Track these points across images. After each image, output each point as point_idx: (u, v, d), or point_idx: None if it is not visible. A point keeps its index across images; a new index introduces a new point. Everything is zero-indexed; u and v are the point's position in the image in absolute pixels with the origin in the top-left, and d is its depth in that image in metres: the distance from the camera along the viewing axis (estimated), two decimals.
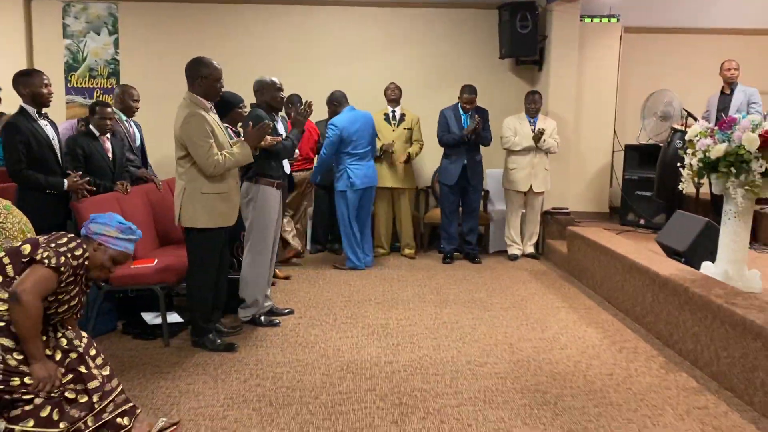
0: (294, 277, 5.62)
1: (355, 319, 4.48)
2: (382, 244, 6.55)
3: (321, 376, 3.46)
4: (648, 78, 7.23)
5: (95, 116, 4.55)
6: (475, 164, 6.22)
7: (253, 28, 7.15)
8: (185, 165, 3.69)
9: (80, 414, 2.38)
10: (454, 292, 5.22)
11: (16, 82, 3.96)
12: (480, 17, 7.22)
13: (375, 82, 6.81)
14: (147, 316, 4.17)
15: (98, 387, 2.47)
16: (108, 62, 7.13)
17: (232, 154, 3.69)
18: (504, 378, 3.45)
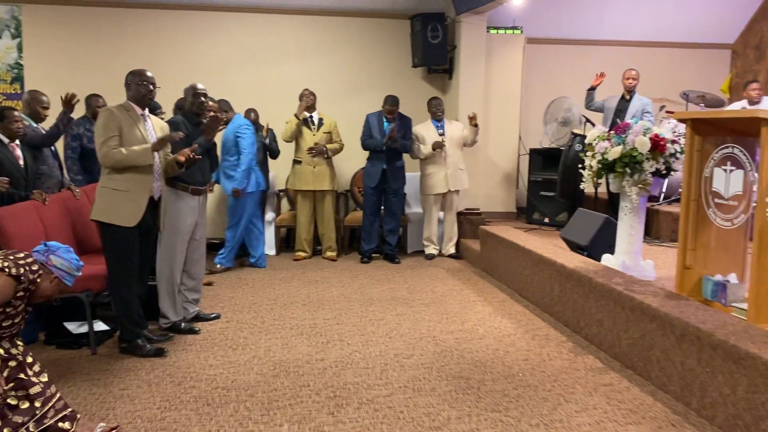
0: (216, 283, 5.63)
1: (283, 320, 4.58)
2: (304, 247, 6.66)
3: (255, 375, 3.55)
4: (549, 86, 7.74)
5: (3, 122, 4.38)
6: (396, 169, 6.49)
7: (164, 34, 7.08)
8: None
9: (23, 419, 2.38)
10: (378, 291, 5.42)
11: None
12: (393, 27, 7.48)
13: (291, 88, 6.91)
14: (70, 325, 4.10)
15: (40, 392, 2.47)
16: (11, 67, 6.84)
17: (129, 150, 3.70)
18: (430, 368, 3.67)
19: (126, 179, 3.74)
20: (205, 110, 4.30)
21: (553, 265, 4.67)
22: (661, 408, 3.14)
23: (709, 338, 2.96)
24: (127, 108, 3.81)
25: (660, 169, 4.18)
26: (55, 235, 4.28)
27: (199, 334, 4.23)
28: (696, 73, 8.02)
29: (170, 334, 4.15)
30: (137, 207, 3.78)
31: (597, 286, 4.03)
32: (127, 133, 3.73)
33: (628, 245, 4.43)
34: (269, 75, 7.30)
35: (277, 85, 7.25)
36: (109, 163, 3.69)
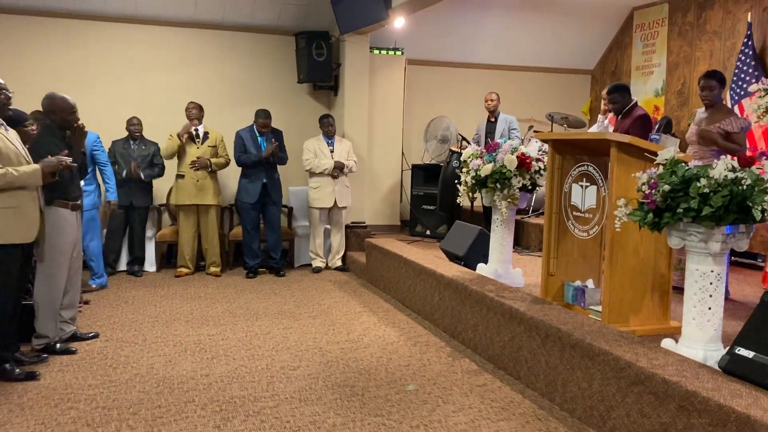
0: (94, 302, 5.42)
1: (165, 337, 4.50)
2: (186, 263, 6.54)
3: (137, 393, 3.49)
4: (429, 105, 8.12)
5: None
6: (275, 182, 6.56)
7: (39, 41, 6.74)
8: None
9: None
10: (264, 305, 5.44)
11: None
12: (278, 43, 7.56)
13: (174, 100, 6.81)
14: None
15: None
16: None
17: (18, 172, 3.57)
18: (316, 378, 3.77)
19: (11, 195, 3.56)
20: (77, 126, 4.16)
21: (432, 274, 4.93)
22: (529, 404, 3.42)
23: (568, 338, 3.28)
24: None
25: (526, 184, 4.54)
26: None
27: (76, 354, 4.07)
28: (560, 95, 8.70)
29: (44, 355, 3.97)
30: (32, 220, 3.67)
31: (472, 293, 4.30)
32: (2, 149, 3.56)
33: (500, 255, 4.76)
34: (153, 86, 7.14)
35: (161, 96, 7.11)
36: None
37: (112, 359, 4.03)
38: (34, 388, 3.52)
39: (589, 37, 8.62)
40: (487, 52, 8.39)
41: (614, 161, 3.52)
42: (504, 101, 7.12)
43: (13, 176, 3.53)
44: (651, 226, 2.97)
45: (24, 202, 3.63)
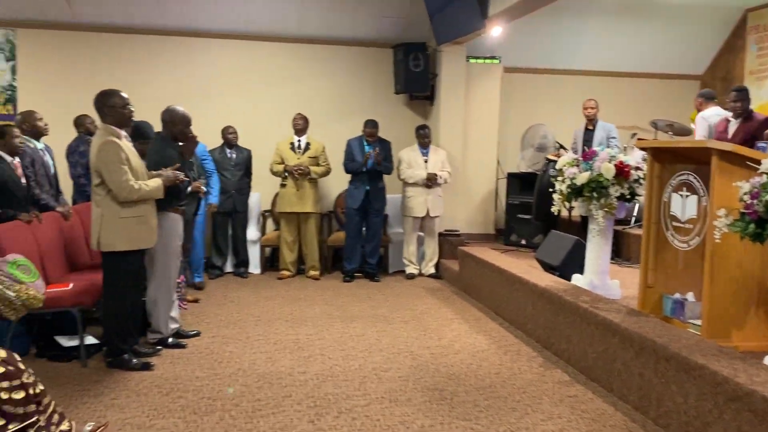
0: (202, 300, 5.80)
1: (266, 336, 4.76)
2: (288, 266, 6.85)
3: (240, 386, 3.73)
4: (526, 113, 8.05)
5: (5, 139, 4.51)
6: (378, 191, 6.74)
7: (158, 59, 7.31)
8: (101, 192, 3.88)
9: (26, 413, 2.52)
10: (359, 308, 5.61)
11: None
12: (377, 55, 7.77)
13: (282, 112, 7.19)
14: (62, 339, 4.24)
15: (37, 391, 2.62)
16: (4, 89, 7.03)
17: (147, 185, 3.93)
18: (406, 380, 3.87)
19: (138, 206, 3.93)
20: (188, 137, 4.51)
21: (526, 284, 4.91)
22: (621, 417, 3.36)
23: (664, 350, 3.20)
24: (116, 134, 3.91)
25: (625, 194, 4.44)
26: (48, 252, 4.46)
27: (185, 349, 4.39)
28: (666, 102, 8.37)
29: (158, 348, 4.31)
30: (152, 227, 4.04)
31: (566, 304, 4.26)
32: (132, 161, 3.92)
33: (596, 265, 4.67)
34: (260, 99, 7.54)
35: (268, 108, 7.50)
36: (132, 199, 3.86)
37: (217, 354, 4.31)
38: (149, 378, 3.84)
39: (697, 41, 8.25)
40: (587, 58, 8.22)
41: (716, 170, 3.40)
42: (604, 108, 6.94)
43: (145, 191, 3.90)
44: (753, 237, 2.85)
45: (148, 212, 4.00)
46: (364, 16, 7.32)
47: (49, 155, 5.24)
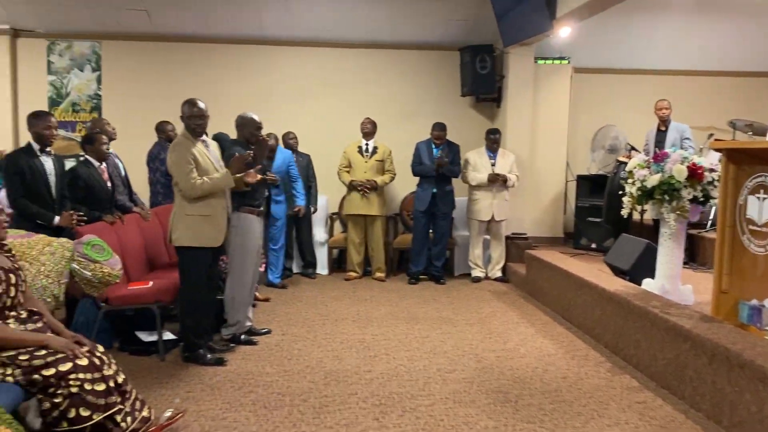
0: (273, 299, 5.98)
1: (333, 335, 4.87)
2: (355, 268, 6.97)
3: (307, 383, 3.84)
4: (596, 114, 7.89)
5: (94, 145, 4.81)
6: (445, 194, 6.76)
7: (232, 67, 7.59)
8: (176, 190, 4.12)
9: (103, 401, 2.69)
10: (424, 310, 5.66)
11: (28, 121, 4.32)
12: (443, 58, 7.81)
13: (350, 116, 7.34)
14: (142, 334, 4.49)
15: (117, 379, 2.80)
16: (90, 97, 7.47)
17: (212, 179, 4.08)
18: (471, 382, 3.89)
19: (207, 204, 4.10)
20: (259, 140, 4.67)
21: (594, 288, 4.83)
22: (692, 425, 3.27)
23: (737, 358, 3.09)
24: (189, 139, 4.13)
25: (698, 196, 4.31)
26: (130, 252, 4.72)
27: (257, 346, 4.56)
28: (746, 101, 8.03)
29: (231, 345, 4.49)
30: (220, 227, 4.17)
31: (635, 308, 4.17)
32: (200, 162, 4.11)
33: (668, 270, 4.55)
34: (326, 105, 7.71)
35: (337, 113, 7.67)
36: (197, 194, 4.04)
37: (286, 351, 4.45)
38: (222, 373, 4.01)
39: None
40: (660, 57, 7.98)
41: None
42: (679, 108, 6.73)
43: (209, 184, 4.05)
44: None
45: (216, 211, 4.15)
46: (430, 20, 7.37)
47: (118, 159, 5.52)
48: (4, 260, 2.78)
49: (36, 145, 4.38)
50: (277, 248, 6.51)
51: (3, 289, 2.68)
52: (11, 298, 2.72)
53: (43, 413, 2.57)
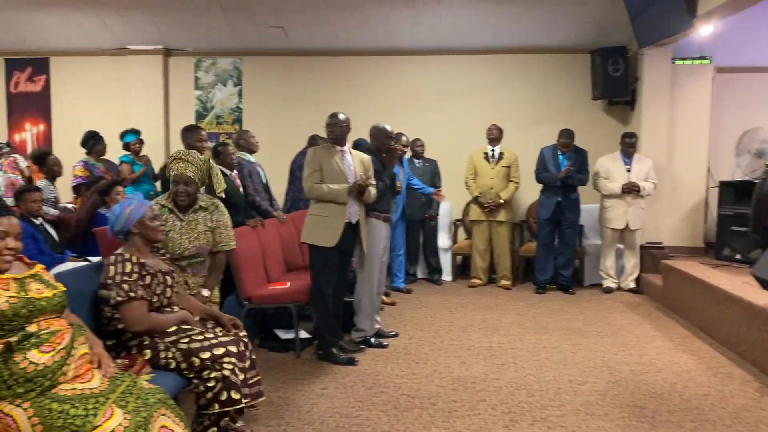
0: (399, 304, 6.10)
1: (460, 341, 4.90)
2: (479, 275, 6.95)
3: (436, 387, 3.90)
4: (741, 116, 7.35)
5: (221, 156, 5.18)
6: (570, 202, 6.59)
7: (362, 78, 7.84)
8: None
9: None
10: (552, 320, 5.54)
11: (182, 134, 4.74)
12: (572, 61, 7.62)
13: (475, 122, 7.36)
14: (279, 332, 4.76)
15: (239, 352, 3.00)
16: (232, 110, 8.01)
17: (330, 188, 4.30)
18: (604, 395, 3.78)
19: (326, 207, 4.35)
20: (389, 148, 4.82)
21: (740, 302, 4.52)
22: None
23: None
24: (328, 147, 4.44)
25: None
26: (269, 253, 5.03)
27: (386, 348, 4.68)
28: None
29: (362, 346, 4.65)
30: (335, 230, 4.33)
31: None
32: (326, 168, 4.34)
33: None
34: (452, 112, 7.76)
35: (459, 121, 7.71)
36: (311, 196, 4.38)
37: (414, 355, 4.54)
38: (353, 372, 4.17)
39: None
40: None
41: None
42: None
43: (324, 191, 4.30)
44: None
45: (333, 214, 4.33)
46: (559, 23, 7.22)
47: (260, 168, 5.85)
48: (161, 264, 3.08)
49: None
50: (399, 254, 6.64)
51: (161, 290, 2.98)
52: (167, 298, 3.03)
53: (198, 396, 2.81)
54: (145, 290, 2.88)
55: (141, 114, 7.69)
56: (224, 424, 2.86)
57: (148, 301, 2.88)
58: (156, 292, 2.95)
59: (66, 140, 7.76)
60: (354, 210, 4.43)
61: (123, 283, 2.82)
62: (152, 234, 3.01)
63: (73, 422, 2.05)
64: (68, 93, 8.08)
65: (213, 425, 2.84)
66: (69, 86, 8.08)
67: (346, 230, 4.36)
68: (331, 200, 4.32)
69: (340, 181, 4.34)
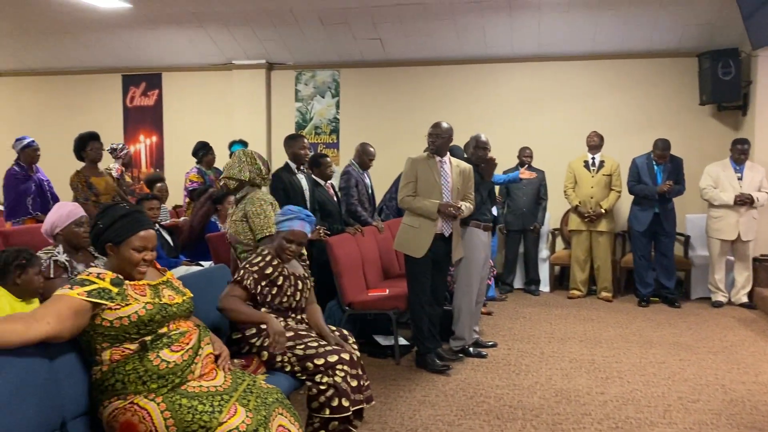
0: (495, 314, 6.05)
1: (561, 353, 4.80)
2: (578, 286, 6.78)
3: (538, 399, 3.85)
4: None
5: (320, 168, 5.32)
6: (668, 212, 6.34)
7: (458, 87, 7.84)
8: None
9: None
10: (658, 334, 5.33)
11: (285, 143, 4.93)
12: (677, 65, 7.30)
13: (574, 130, 7.22)
14: (379, 337, 4.84)
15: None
16: (330, 121, 8.23)
17: (421, 204, 4.32)
18: (718, 414, 3.60)
19: (417, 218, 4.38)
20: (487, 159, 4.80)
21: None
22: None
23: None
24: (427, 157, 4.44)
25: None
26: (368, 260, 5.13)
27: (485, 358, 4.66)
28: None
29: (460, 355, 4.65)
30: (424, 242, 4.35)
31: None
32: (423, 179, 4.38)
33: None
34: (550, 120, 7.61)
35: (558, 129, 7.56)
36: (404, 207, 4.46)
37: (514, 366, 4.49)
38: (453, 381, 4.18)
39: None
40: None
41: None
42: None
43: (415, 206, 4.35)
44: None
45: (424, 226, 4.35)
46: (664, 27, 6.94)
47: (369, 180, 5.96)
48: (299, 267, 3.24)
49: (293, 164, 4.96)
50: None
51: (291, 292, 3.14)
52: (296, 302, 3.19)
53: (309, 399, 2.91)
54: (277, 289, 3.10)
55: (245, 125, 8.04)
56: (332, 427, 2.94)
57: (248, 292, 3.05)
58: (287, 293, 3.13)
59: (176, 151, 8.26)
60: (447, 223, 4.43)
61: (243, 268, 3.09)
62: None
63: (201, 417, 2.18)
64: (178, 106, 8.57)
65: (322, 428, 2.93)
66: (179, 100, 8.57)
67: (437, 241, 4.38)
68: (416, 211, 4.37)
69: (435, 194, 4.35)
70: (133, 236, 2.32)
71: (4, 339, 1.92)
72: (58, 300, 2.12)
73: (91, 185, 4.91)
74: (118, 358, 2.21)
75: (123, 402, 2.19)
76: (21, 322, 2.00)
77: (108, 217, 2.37)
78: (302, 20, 7.18)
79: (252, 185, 3.89)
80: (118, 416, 2.18)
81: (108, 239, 2.33)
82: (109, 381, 2.20)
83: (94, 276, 2.24)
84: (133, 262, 2.32)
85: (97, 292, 2.18)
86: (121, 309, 2.20)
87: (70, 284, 2.19)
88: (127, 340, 2.22)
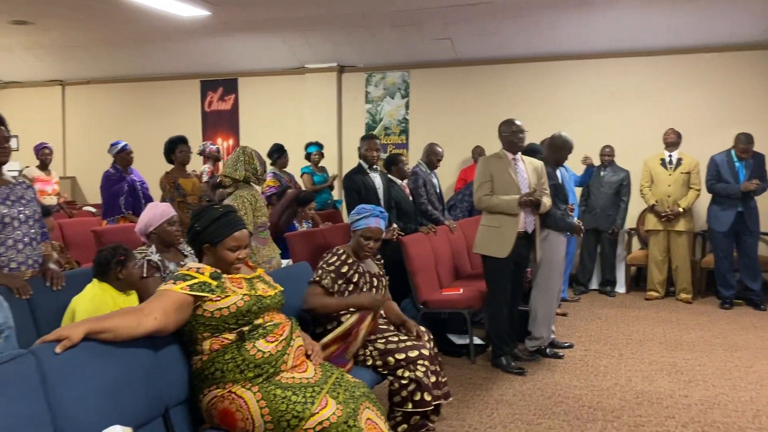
0: (570, 315, 5.96)
1: (640, 355, 4.70)
2: (656, 287, 6.60)
3: (618, 401, 3.79)
4: None
5: (398, 165, 5.39)
6: (751, 210, 6.09)
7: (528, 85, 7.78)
8: None
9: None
10: (743, 338, 5.14)
11: (361, 141, 5.03)
12: (760, 58, 7.01)
13: (651, 128, 7.04)
14: (453, 336, 4.87)
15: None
16: (400, 122, 8.31)
17: (500, 200, 4.29)
18: None
19: (497, 217, 4.35)
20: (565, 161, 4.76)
21: None
22: None
23: None
24: (500, 156, 4.42)
25: None
26: (441, 260, 5.17)
27: (561, 359, 4.61)
28: None
29: (536, 356, 4.62)
30: (507, 241, 4.31)
31: None
32: (498, 178, 4.35)
33: None
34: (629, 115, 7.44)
35: (634, 126, 7.38)
36: (482, 207, 4.43)
37: (592, 367, 4.43)
38: (530, 381, 4.16)
39: None
40: None
41: None
42: None
43: (494, 203, 4.31)
44: None
45: (505, 225, 4.31)
46: (744, 19, 6.67)
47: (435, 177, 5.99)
48: (373, 266, 3.33)
49: (364, 164, 5.05)
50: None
51: (367, 290, 3.21)
52: None
53: (392, 393, 2.98)
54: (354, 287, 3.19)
55: (317, 128, 8.22)
56: (414, 422, 3.00)
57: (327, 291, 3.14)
58: (363, 291, 3.20)
59: None
60: (529, 220, 4.40)
61: (320, 268, 3.19)
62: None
63: (294, 408, 2.27)
64: (253, 110, 8.85)
65: (404, 422, 2.99)
66: (254, 103, 8.85)
67: (519, 240, 4.35)
68: (502, 211, 4.33)
69: (513, 192, 4.30)
70: (228, 237, 2.45)
71: (118, 333, 2.08)
72: (163, 295, 2.26)
73: (179, 186, 5.13)
74: (217, 348, 2.33)
75: (222, 390, 2.31)
76: (132, 318, 2.15)
77: (204, 219, 2.50)
78: (374, 22, 7.27)
79: (246, 183, 3.99)
80: (217, 404, 2.30)
81: (205, 240, 2.47)
82: (209, 370, 2.32)
83: (194, 271, 2.37)
84: (229, 260, 2.45)
85: (198, 285, 2.31)
86: (221, 300, 2.33)
87: (173, 279, 2.33)
88: (226, 330, 2.34)
